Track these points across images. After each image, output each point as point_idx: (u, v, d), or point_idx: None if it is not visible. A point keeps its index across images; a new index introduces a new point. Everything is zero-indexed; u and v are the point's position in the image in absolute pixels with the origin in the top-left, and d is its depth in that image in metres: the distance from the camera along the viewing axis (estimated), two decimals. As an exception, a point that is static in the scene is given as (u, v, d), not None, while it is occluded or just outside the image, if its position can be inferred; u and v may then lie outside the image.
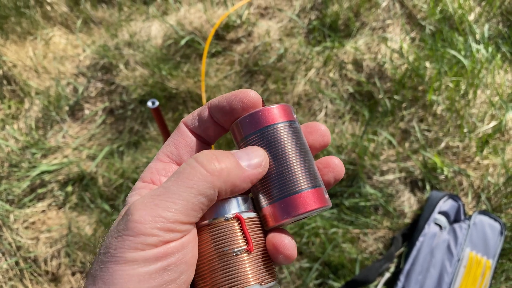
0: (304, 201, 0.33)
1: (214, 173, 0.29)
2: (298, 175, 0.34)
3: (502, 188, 1.35)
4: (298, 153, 0.34)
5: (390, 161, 1.38)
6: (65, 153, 1.50)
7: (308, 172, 0.34)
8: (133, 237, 0.27)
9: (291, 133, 0.35)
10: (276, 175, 0.33)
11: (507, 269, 1.25)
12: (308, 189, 0.34)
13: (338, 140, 1.44)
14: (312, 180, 0.34)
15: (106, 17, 1.81)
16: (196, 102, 1.54)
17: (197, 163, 0.29)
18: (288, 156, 0.34)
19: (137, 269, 0.27)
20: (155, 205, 0.28)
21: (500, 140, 1.43)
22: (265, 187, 0.34)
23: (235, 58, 1.63)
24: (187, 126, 0.35)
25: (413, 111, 1.46)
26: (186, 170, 0.29)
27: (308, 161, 0.35)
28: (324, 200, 0.34)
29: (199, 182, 0.29)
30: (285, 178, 0.33)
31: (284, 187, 0.33)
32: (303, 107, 1.56)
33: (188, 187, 0.28)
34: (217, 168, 0.29)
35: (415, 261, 1.23)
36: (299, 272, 1.29)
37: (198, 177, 0.29)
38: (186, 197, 0.28)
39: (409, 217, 1.33)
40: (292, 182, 0.33)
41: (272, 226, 0.34)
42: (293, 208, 0.33)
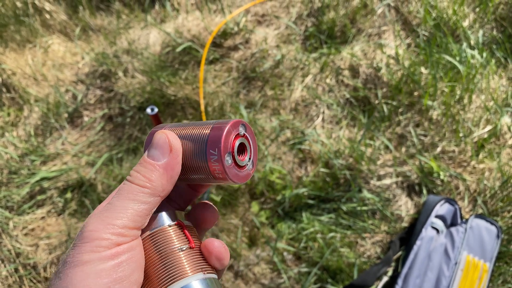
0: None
1: (146, 186, 0.33)
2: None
3: (498, 192, 1.36)
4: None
5: (387, 166, 1.40)
6: (64, 160, 1.50)
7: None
8: (88, 243, 0.31)
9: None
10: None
11: (504, 272, 1.25)
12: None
13: (335, 145, 1.45)
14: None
15: (104, 24, 1.82)
16: (194, 108, 1.56)
17: (130, 182, 0.34)
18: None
19: (93, 267, 0.30)
20: (105, 217, 0.32)
21: (496, 144, 1.45)
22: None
23: (232, 65, 1.65)
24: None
25: (409, 116, 1.47)
26: (125, 187, 0.34)
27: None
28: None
29: (138, 195, 0.33)
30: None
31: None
32: (300, 112, 1.57)
33: (130, 199, 0.33)
34: (144, 182, 0.34)
35: (413, 264, 1.24)
36: (297, 277, 1.29)
37: (136, 192, 0.33)
38: (131, 207, 0.32)
39: (406, 221, 1.34)
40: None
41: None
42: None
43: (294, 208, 1.40)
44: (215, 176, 0.35)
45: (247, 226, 1.37)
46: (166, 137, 0.35)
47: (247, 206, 1.38)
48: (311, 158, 1.48)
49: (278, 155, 1.49)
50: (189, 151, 0.35)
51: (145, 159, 0.35)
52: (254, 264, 1.32)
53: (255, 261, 1.32)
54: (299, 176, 1.45)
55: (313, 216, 1.37)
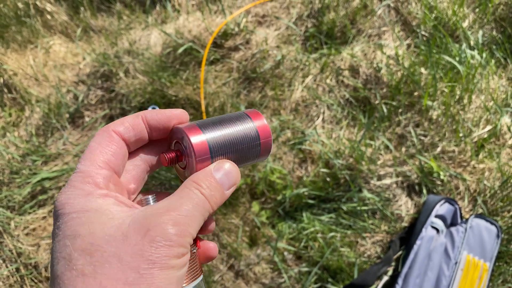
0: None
1: (213, 207, 0.35)
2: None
3: (498, 192, 1.36)
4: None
5: (387, 166, 1.40)
6: (65, 160, 1.51)
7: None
8: (173, 247, 0.31)
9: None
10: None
11: (504, 272, 1.26)
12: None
13: (335, 146, 1.45)
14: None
15: (105, 25, 1.83)
16: (195, 108, 1.56)
17: (204, 196, 0.34)
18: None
19: (175, 273, 0.31)
20: (184, 223, 0.32)
21: (496, 144, 1.45)
22: None
23: (233, 65, 1.65)
24: (119, 135, 0.36)
25: (409, 116, 1.48)
26: (200, 197, 0.34)
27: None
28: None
29: (206, 211, 0.34)
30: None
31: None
32: (300, 113, 1.58)
33: (201, 214, 0.33)
34: (213, 202, 0.35)
35: (413, 264, 1.24)
36: (298, 277, 1.30)
37: (207, 208, 0.34)
38: (190, 211, 0.32)
39: (406, 221, 1.35)
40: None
41: None
42: None
43: (295, 208, 1.40)
44: (261, 157, 0.40)
45: (248, 226, 1.38)
46: (238, 174, 0.37)
47: (247, 206, 1.38)
48: (312, 158, 1.48)
49: (278, 155, 1.49)
50: (240, 150, 0.38)
51: (217, 182, 0.35)
52: (255, 264, 1.32)
53: (255, 260, 1.33)
54: (300, 176, 1.45)
55: (313, 216, 1.38)
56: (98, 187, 0.33)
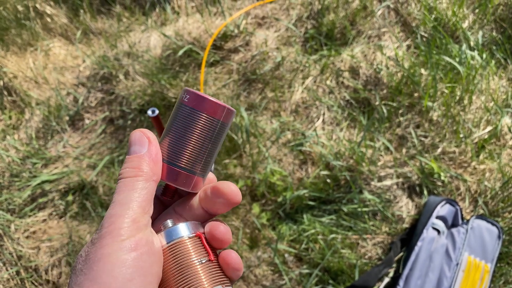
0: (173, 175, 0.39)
1: (138, 175, 0.35)
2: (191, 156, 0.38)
3: (499, 193, 1.36)
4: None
5: (388, 167, 1.40)
6: (65, 163, 1.51)
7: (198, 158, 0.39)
8: (108, 235, 0.32)
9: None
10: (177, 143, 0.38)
11: (506, 273, 1.25)
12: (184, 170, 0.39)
13: (336, 147, 1.45)
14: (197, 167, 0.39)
15: (105, 28, 1.83)
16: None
17: (124, 178, 0.36)
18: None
19: (117, 257, 0.31)
20: (115, 211, 0.34)
21: (496, 145, 1.45)
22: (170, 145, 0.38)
23: (233, 67, 1.65)
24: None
25: (409, 117, 1.48)
26: (121, 184, 0.36)
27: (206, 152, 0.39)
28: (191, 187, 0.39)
29: (135, 184, 0.35)
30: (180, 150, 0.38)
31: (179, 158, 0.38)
32: (301, 114, 1.58)
33: (129, 190, 0.35)
34: (136, 172, 0.36)
35: (414, 266, 1.24)
36: (299, 279, 1.29)
37: (132, 183, 0.35)
38: (134, 196, 0.34)
39: (407, 222, 1.34)
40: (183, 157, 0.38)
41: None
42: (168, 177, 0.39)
43: (295, 209, 1.40)
44: (199, 107, 0.36)
45: (248, 228, 1.37)
46: (141, 132, 0.37)
47: (248, 208, 1.38)
48: (312, 160, 1.48)
49: (278, 156, 1.49)
50: (176, 124, 0.37)
51: (129, 156, 0.37)
52: (256, 266, 1.32)
53: (256, 263, 1.32)
54: (300, 178, 1.45)
55: (314, 217, 1.37)
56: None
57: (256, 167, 1.43)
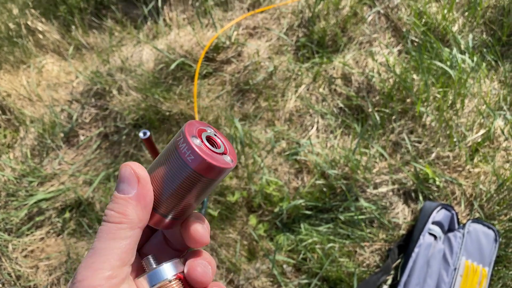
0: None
1: (123, 222, 0.33)
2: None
3: (494, 195, 1.36)
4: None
5: (383, 174, 1.40)
6: (61, 180, 1.51)
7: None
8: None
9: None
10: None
11: (503, 276, 1.26)
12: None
13: (330, 155, 1.46)
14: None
15: (97, 43, 1.84)
16: (189, 123, 1.56)
17: (107, 222, 0.34)
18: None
19: None
20: (92, 263, 0.32)
21: (490, 147, 1.46)
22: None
23: (226, 78, 1.66)
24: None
25: (402, 123, 1.48)
26: (104, 229, 0.34)
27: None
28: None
29: (118, 232, 0.33)
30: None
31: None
32: (295, 123, 1.58)
33: (111, 239, 0.33)
34: (120, 218, 0.34)
35: (412, 272, 1.24)
36: (298, 289, 1.30)
37: (115, 230, 0.33)
38: (114, 246, 0.32)
39: (404, 229, 1.35)
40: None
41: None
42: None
43: (292, 219, 1.40)
44: (192, 164, 0.33)
45: (246, 240, 1.37)
46: (131, 168, 0.34)
47: (245, 220, 1.38)
48: (307, 169, 1.48)
49: (274, 166, 1.50)
50: (163, 168, 0.35)
51: (116, 195, 0.34)
52: (254, 278, 1.32)
53: (255, 274, 1.33)
54: (296, 187, 1.45)
55: (311, 226, 1.38)
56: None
57: (251, 178, 1.43)
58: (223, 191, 1.41)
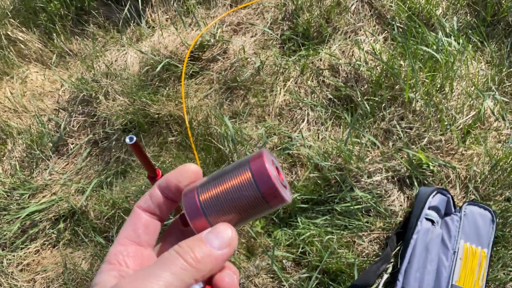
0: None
1: (192, 265, 0.31)
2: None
3: (489, 176, 1.37)
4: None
5: (376, 162, 1.40)
6: (53, 190, 1.49)
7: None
8: None
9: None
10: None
11: (503, 256, 1.26)
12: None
13: (322, 147, 1.45)
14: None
15: (81, 49, 1.81)
16: (179, 124, 1.55)
17: (178, 254, 0.32)
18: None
19: None
20: (140, 284, 0.30)
21: (481, 128, 1.46)
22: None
23: (213, 77, 1.64)
24: (140, 208, 0.37)
25: (392, 110, 1.48)
26: (170, 257, 0.32)
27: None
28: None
29: (180, 271, 0.31)
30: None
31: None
32: (285, 117, 1.57)
33: (171, 273, 0.31)
34: (193, 259, 0.32)
35: (412, 259, 1.24)
36: (299, 283, 1.29)
37: (180, 267, 0.31)
38: (168, 280, 0.30)
39: (401, 216, 1.34)
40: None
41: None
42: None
43: (289, 214, 1.39)
44: (272, 206, 0.33)
45: (244, 238, 1.36)
46: (232, 234, 0.33)
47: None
48: (301, 162, 1.48)
49: (267, 162, 1.49)
50: (241, 206, 0.34)
51: (203, 240, 0.33)
52: (255, 276, 1.31)
53: (255, 272, 1.32)
54: (291, 181, 1.45)
55: (308, 220, 1.37)
56: (110, 263, 0.34)
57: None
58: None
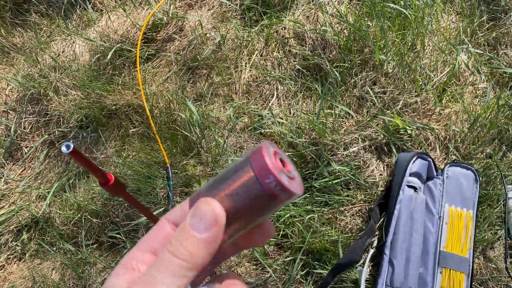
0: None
1: (188, 260, 0.31)
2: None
3: (468, 134, 1.31)
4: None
5: (352, 132, 1.33)
6: (11, 200, 1.38)
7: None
8: None
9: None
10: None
11: (488, 216, 1.22)
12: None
13: (295, 123, 1.37)
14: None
15: (25, 42, 1.66)
16: (139, 114, 1.44)
17: (171, 255, 0.31)
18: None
19: None
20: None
21: (457, 85, 1.39)
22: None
23: (171, 58, 1.52)
24: (167, 219, 0.36)
25: (364, 75, 1.39)
26: (166, 258, 0.31)
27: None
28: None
29: (179, 270, 0.30)
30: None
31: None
32: (253, 94, 1.48)
33: (171, 274, 0.30)
34: (185, 255, 0.31)
35: (397, 230, 1.18)
36: (283, 268, 1.23)
37: (176, 265, 0.30)
38: (172, 282, 0.30)
39: (382, 186, 1.29)
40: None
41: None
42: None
43: (266, 196, 1.32)
44: (280, 202, 0.31)
45: (221, 227, 1.29)
46: (213, 209, 0.31)
47: (216, 207, 1.30)
48: (274, 141, 1.39)
49: (239, 144, 1.40)
50: (241, 203, 0.31)
51: (188, 229, 0.31)
52: (237, 265, 1.25)
53: (237, 261, 1.25)
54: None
55: (286, 200, 1.30)
56: (125, 268, 0.34)
57: (217, 161, 1.33)
58: (187, 182, 1.31)
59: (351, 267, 1.19)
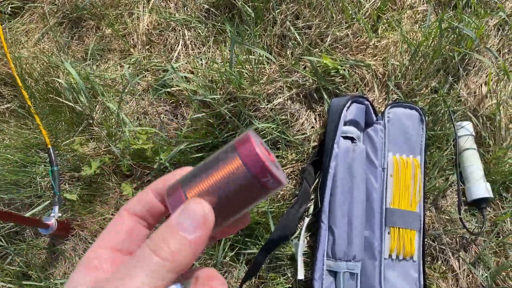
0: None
1: (169, 260, 0.27)
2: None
3: (410, 67, 1.11)
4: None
5: (275, 81, 1.09)
6: None
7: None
8: None
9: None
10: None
11: (438, 160, 1.05)
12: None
13: (208, 76, 1.12)
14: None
15: None
16: (11, 85, 1.14)
17: (153, 253, 0.27)
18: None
19: None
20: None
21: (393, 10, 1.17)
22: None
23: (44, 9, 1.20)
24: (128, 211, 0.32)
25: (284, 8, 1.14)
26: (145, 255, 0.27)
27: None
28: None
29: (157, 268, 0.27)
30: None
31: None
32: (156, 44, 1.21)
33: (147, 272, 0.26)
34: (168, 256, 0.27)
35: (334, 191, 1.00)
36: (208, 251, 1.03)
37: (155, 265, 0.27)
38: (144, 281, 0.26)
39: (314, 140, 1.08)
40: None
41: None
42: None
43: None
44: (269, 192, 0.29)
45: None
46: (203, 210, 0.28)
47: (118, 192, 1.06)
48: (185, 101, 1.15)
49: (141, 110, 1.14)
50: (229, 194, 0.28)
51: (175, 227, 0.27)
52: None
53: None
54: (176, 128, 1.13)
55: (206, 171, 1.08)
56: (85, 267, 0.30)
57: (112, 135, 1.08)
58: (76, 163, 1.05)
59: (285, 242, 1.01)
